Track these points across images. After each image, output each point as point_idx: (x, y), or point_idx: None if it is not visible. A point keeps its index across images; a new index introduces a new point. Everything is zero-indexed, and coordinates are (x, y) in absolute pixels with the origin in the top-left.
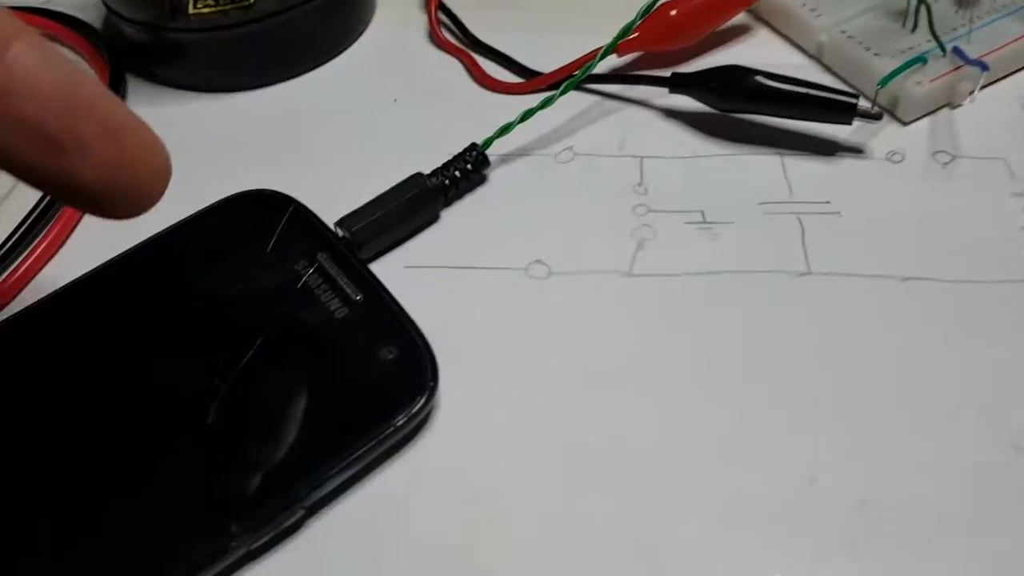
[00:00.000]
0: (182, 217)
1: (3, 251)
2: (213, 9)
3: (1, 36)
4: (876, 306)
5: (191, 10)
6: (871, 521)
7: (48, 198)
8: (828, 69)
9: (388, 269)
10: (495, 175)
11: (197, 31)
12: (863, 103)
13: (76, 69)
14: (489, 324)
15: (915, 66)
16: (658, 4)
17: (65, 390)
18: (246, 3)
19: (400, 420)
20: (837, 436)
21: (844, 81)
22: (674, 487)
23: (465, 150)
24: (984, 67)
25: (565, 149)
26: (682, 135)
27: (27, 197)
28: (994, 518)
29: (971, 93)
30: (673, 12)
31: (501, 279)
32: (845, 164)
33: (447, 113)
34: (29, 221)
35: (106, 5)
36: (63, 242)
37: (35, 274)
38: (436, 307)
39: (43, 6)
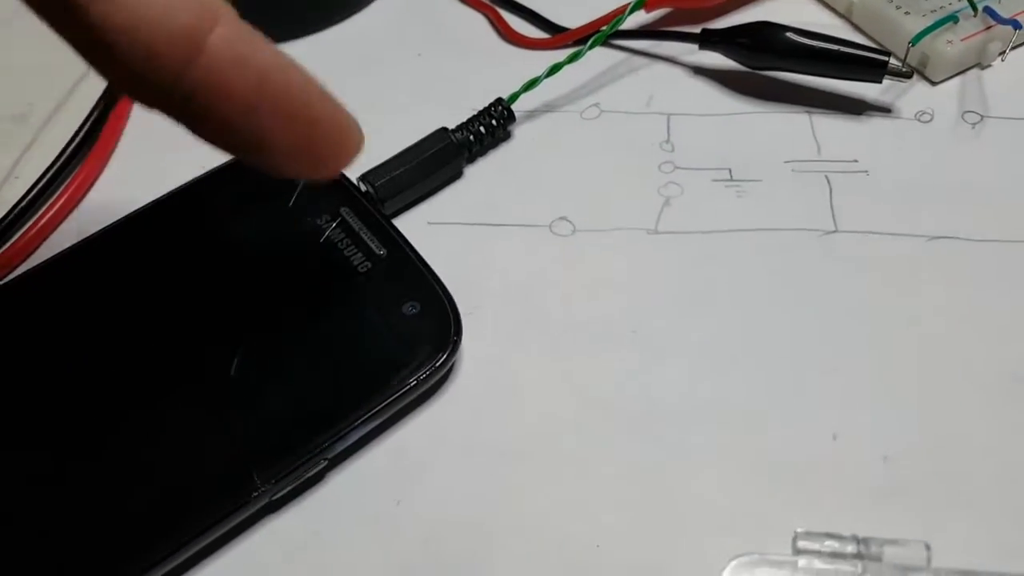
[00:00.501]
0: (203, 171)
1: (19, 210)
2: None
3: (205, 13)
4: (902, 265)
5: None
6: (895, 476)
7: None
8: (858, 28)
9: (411, 225)
10: (520, 131)
11: None
12: (894, 61)
13: (270, 59)
14: (512, 281)
15: (946, 25)
16: None
17: (90, 342)
18: None
19: (422, 375)
20: (860, 393)
21: (874, 40)
22: (697, 444)
23: (490, 105)
24: (1018, 25)
25: (591, 106)
26: (710, 92)
27: (42, 159)
28: (1018, 476)
29: (1002, 53)
30: None
31: (525, 236)
32: (873, 123)
33: (472, 68)
34: (45, 180)
35: None
36: (80, 199)
37: (53, 229)
38: (459, 264)
39: None
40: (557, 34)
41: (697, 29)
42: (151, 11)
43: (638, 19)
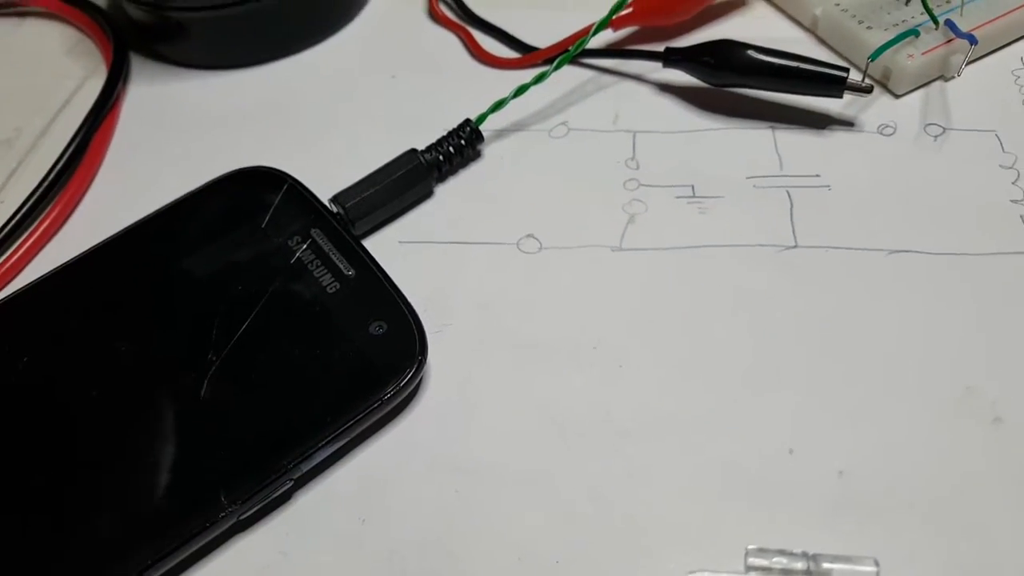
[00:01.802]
0: (182, 192)
1: (3, 234)
2: None
3: None
4: (861, 279)
5: None
6: (849, 491)
7: (47, 183)
8: (823, 42)
9: (382, 244)
10: (489, 150)
11: (197, 10)
12: (853, 76)
13: None
14: (480, 299)
15: (907, 39)
16: None
17: (62, 365)
18: None
19: (387, 394)
20: (817, 407)
21: (838, 54)
22: (655, 459)
23: (459, 126)
24: (973, 40)
25: (560, 124)
26: (675, 109)
27: (26, 183)
28: (974, 489)
29: (960, 68)
30: None
31: (493, 254)
32: (836, 137)
33: (444, 88)
34: (29, 204)
35: None
36: (63, 223)
37: (36, 253)
38: (428, 282)
39: None
40: (527, 53)
41: (662, 47)
42: None
43: (605, 37)
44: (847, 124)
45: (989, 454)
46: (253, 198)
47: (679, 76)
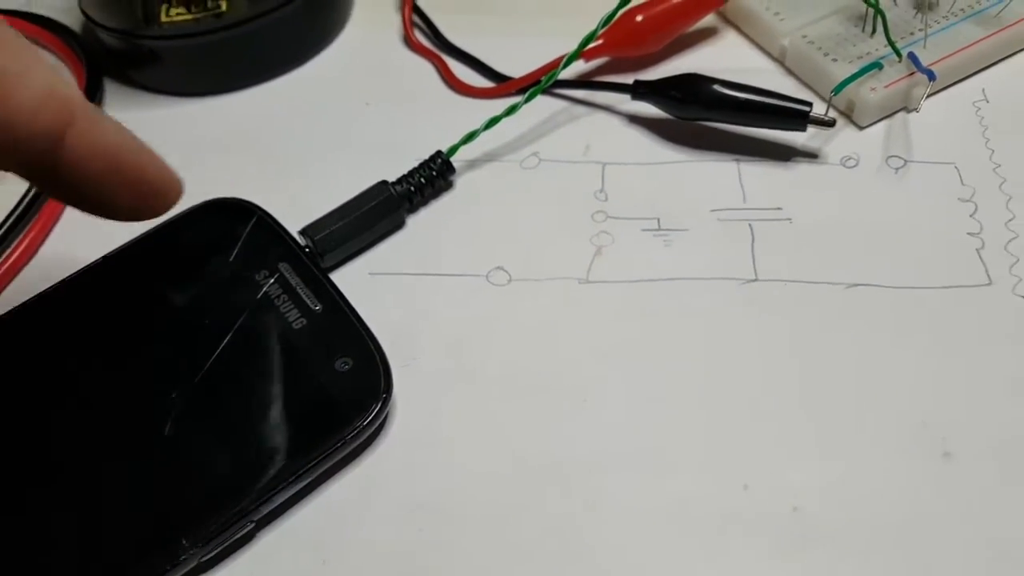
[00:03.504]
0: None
1: None
2: (185, 17)
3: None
4: (818, 314)
5: (163, 18)
6: (804, 526)
7: (11, 219)
8: (791, 73)
9: (353, 276)
10: (462, 181)
11: (170, 38)
12: (816, 111)
13: (114, 139)
14: (448, 332)
15: (871, 71)
16: (623, 10)
17: (23, 402)
18: (218, 10)
19: (349, 433)
20: (773, 442)
21: (806, 85)
22: (616, 494)
23: (430, 158)
24: (932, 76)
25: (531, 155)
26: (644, 141)
27: None
28: (924, 525)
29: (920, 100)
30: (639, 18)
31: (463, 286)
32: (800, 170)
33: (418, 117)
34: None
35: (82, 11)
36: (32, 255)
37: (5, 286)
38: (398, 314)
39: (23, 8)
40: (502, 83)
41: (632, 79)
42: (18, 116)
43: (578, 68)
44: (811, 156)
45: (939, 490)
46: (222, 231)
47: (649, 107)
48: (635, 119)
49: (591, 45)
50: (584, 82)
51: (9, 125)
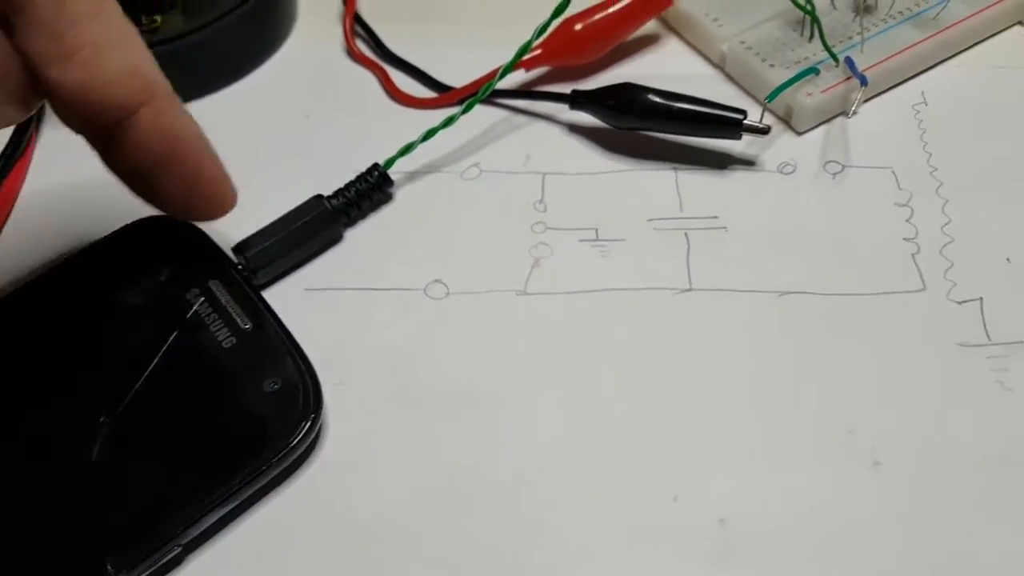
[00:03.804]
0: (85, 240)
1: None
2: None
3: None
4: (751, 322)
5: None
6: (731, 538)
7: None
8: (731, 79)
9: (288, 292)
10: (401, 193)
11: None
12: (749, 119)
13: (183, 129)
14: (383, 348)
15: (808, 77)
16: (560, 20)
17: None
18: (153, 25)
19: (276, 455)
20: (702, 453)
21: (745, 91)
22: (554, 509)
23: (367, 171)
24: (864, 82)
25: (472, 166)
26: (584, 151)
27: None
28: (853, 534)
29: (854, 107)
30: (578, 27)
31: (400, 300)
32: (737, 177)
33: (359, 128)
34: None
35: None
36: None
37: None
38: (332, 331)
39: None
40: (443, 93)
41: (570, 88)
42: (98, 85)
43: (519, 77)
44: (749, 163)
45: (868, 498)
46: (153, 249)
47: (588, 117)
48: (575, 128)
49: (529, 55)
50: (524, 92)
51: (88, 91)
